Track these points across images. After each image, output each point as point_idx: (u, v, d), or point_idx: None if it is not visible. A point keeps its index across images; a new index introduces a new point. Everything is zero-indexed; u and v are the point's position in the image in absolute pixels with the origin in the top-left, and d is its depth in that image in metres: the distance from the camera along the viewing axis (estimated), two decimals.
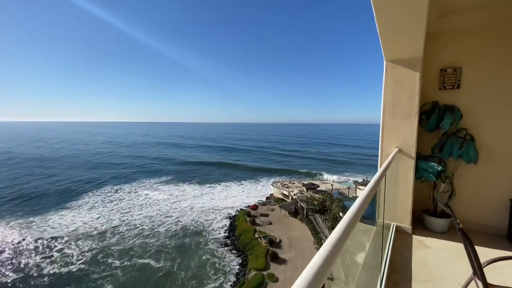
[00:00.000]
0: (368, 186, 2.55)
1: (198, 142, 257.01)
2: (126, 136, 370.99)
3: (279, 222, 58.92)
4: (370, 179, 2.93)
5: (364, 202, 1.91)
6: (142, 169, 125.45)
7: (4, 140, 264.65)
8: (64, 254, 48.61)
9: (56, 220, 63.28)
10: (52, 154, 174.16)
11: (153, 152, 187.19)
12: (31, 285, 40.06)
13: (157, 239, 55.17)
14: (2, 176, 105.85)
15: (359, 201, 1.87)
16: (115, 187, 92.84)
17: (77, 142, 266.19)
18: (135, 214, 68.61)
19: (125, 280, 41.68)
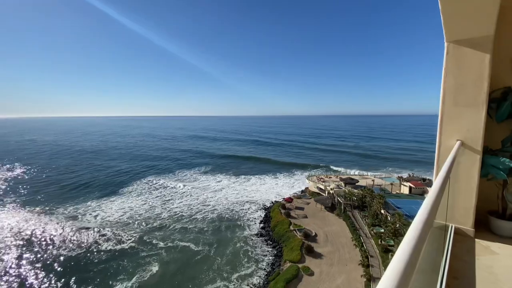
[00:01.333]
0: (435, 187, 2.38)
1: (232, 136, 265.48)
2: (164, 129, 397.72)
3: (314, 216, 58.52)
4: (417, 175, 2.93)
5: (434, 204, 1.82)
6: (182, 160, 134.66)
7: (59, 134, 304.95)
8: (116, 234, 55.27)
9: (108, 205, 71.98)
10: (102, 146, 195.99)
11: (190, 144, 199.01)
12: (93, 258, 46.89)
13: (195, 225, 59.38)
14: (61, 166, 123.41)
15: (428, 204, 1.76)
16: (159, 176, 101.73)
17: (122, 135, 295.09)
18: (175, 201, 74.40)
19: (169, 259, 46.31)
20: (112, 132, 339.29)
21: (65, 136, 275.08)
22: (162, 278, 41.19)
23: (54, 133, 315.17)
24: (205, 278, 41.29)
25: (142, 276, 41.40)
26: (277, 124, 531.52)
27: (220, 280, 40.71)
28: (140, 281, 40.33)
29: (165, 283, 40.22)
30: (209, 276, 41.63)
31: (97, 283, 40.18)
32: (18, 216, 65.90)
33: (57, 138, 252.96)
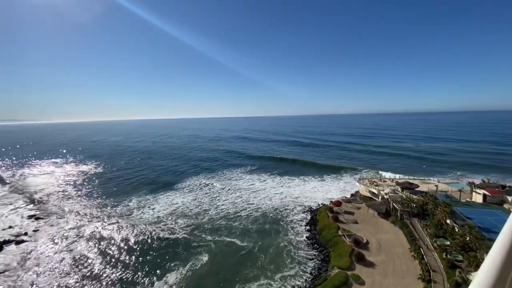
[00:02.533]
0: None
1: (274, 136, 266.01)
2: (208, 130, 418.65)
3: (366, 221, 54.84)
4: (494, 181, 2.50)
5: None
6: (228, 160, 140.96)
7: (119, 135, 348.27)
8: (170, 225, 61.16)
9: (162, 199, 79.81)
10: (154, 146, 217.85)
11: (234, 144, 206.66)
12: (152, 244, 52.92)
13: (240, 222, 61.71)
14: (123, 163, 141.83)
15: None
16: (207, 175, 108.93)
17: (172, 135, 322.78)
18: (221, 199, 78.36)
19: (217, 252, 49.35)
20: (163, 133, 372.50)
21: (126, 137, 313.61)
22: (211, 268, 44.24)
23: (116, 135, 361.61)
24: (250, 274, 42.53)
25: (194, 264, 45.39)
26: (319, 124, 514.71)
27: (264, 278, 41.37)
28: (192, 268, 44.24)
29: (214, 273, 42.93)
30: (253, 273, 42.77)
31: (157, 266, 45.38)
32: (92, 203, 78.73)
33: (119, 139, 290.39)
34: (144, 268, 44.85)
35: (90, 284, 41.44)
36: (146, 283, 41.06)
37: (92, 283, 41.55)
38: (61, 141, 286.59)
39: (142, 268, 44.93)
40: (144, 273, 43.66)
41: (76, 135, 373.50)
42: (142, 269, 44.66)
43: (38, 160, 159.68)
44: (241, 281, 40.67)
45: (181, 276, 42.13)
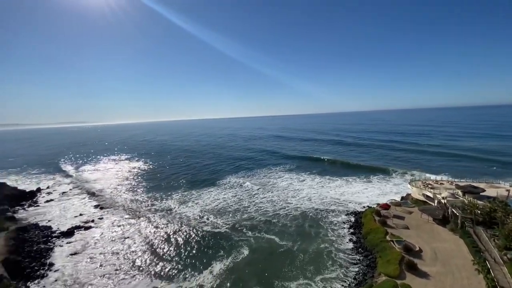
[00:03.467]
0: None
1: (312, 135, 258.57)
2: (246, 129, 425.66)
3: (419, 228, 50.36)
4: None
5: None
6: (266, 158, 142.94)
7: (166, 134, 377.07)
8: (212, 219, 65.05)
9: (205, 195, 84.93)
10: (196, 144, 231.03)
11: (272, 143, 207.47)
12: (197, 235, 56.92)
13: (279, 220, 62.29)
14: (169, 161, 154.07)
15: None
16: (247, 172, 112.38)
17: (212, 135, 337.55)
18: (260, 196, 79.96)
19: (256, 247, 50.94)
20: (203, 133, 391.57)
21: (172, 137, 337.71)
22: (251, 262, 45.98)
23: (163, 134, 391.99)
24: (288, 272, 42.70)
25: (236, 257, 47.75)
26: (358, 122, 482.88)
27: (303, 278, 41.16)
28: (234, 261, 46.65)
29: (254, 267, 44.49)
30: (292, 272, 42.81)
31: (203, 256, 48.99)
32: (144, 196, 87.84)
33: (166, 138, 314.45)
34: (191, 257, 48.73)
35: (142, 267, 46.39)
36: (194, 270, 44.51)
37: (143, 267, 46.45)
38: (116, 140, 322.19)
39: (189, 257, 48.87)
40: (191, 261, 47.38)
41: (129, 135, 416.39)
42: (189, 258, 48.56)
43: (97, 157, 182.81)
44: (280, 278, 41.07)
45: (225, 267, 44.77)
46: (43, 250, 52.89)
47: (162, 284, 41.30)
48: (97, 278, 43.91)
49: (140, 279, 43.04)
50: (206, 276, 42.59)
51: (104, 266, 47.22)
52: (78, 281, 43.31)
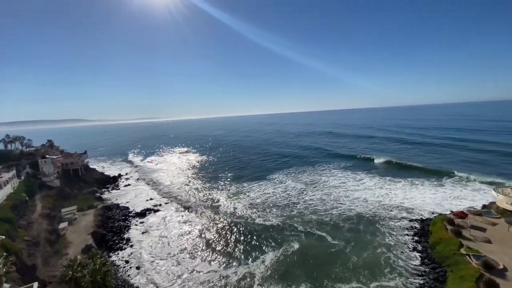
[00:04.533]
0: None
1: (367, 132, 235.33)
2: (294, 125, 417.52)
3: (504, 242, 42.61)
4: None
5: None
6: (317, 156, 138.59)
7: (220, 129, 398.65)
8: (263, 212, 67.33)
9: (256, 188, 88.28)
10: (247, 139, 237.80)
11: (323, 140, 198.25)
12: (250, 226, 59.85)
13: (331, 219, 60.77)
14: (223, 154, 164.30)
15: None
16: (297, 168, 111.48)
17: (259, 130, 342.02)
18: (309, 194, 78.86)
19: (307, 243, 51.10)
20: (255, 128, 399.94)
21: (226, 131, 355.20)
22: (301, 256, 46.58)
23: (218, 129, 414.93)
24: (340, 273, 41.67)
25: (287, 250, 48.99)
26: (425, 116, 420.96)
27: (356, 281, 39.68)
28: (285, 253, 47.99)
29: (304, 262, 44.91)
30: (343, 273, 41.62)
31: (255, 246, 51.59)
32: (201, 186, 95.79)
33: (220, 133, 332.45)
34: (244, 246, 51.73)
35: (201, 250, 51.44)
36: (247, 258, 47.33)
37: (202, 250, 51.44)
38: (181, 134, 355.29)
39: (242, 245, 51.97)
40: (245, 249, 50.38)
41: (189, 130, 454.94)
42: (242, 246, 51.64)
43: (162, 149, 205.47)
44: (330, 279, 40.42)
45: (275, 258, 46.45)
46: (122, 227, 62.77)
47: (219, 268, 45.08)
48: (164, 255, 50.43)
49: (200, 261, 47.82)
50: (258, 265, 44.84)
51: (170, 246, 53.89)
52: (148, 256, 50.32)
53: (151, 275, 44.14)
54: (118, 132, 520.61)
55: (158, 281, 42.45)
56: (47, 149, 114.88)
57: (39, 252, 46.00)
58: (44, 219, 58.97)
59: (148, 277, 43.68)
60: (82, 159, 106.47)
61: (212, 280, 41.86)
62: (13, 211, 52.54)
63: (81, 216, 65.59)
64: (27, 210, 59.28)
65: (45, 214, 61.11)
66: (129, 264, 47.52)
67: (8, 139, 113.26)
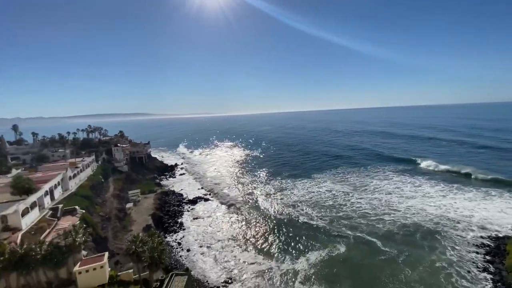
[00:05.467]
0: None
1: (429, 133, 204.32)
2: (343, 122, 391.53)
3: None
4: None
5: None
6: (369, 156, 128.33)
7: (266, 125, 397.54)
8: (307, 211, 65.72)
9: (299, 185, 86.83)
10: (294, 136, 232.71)
11: (376, 140, 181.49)
12: (295, 224, 59.61)
13: (384, 225, 56.13)
14: (268, 150, 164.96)
15: None
16: (346, 169, 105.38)
17: (305, 127, 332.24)
18: (355, 196, 74.08)
19: (354, 247, 48.56)
20: (303, 125, 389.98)
21: (272, 127, 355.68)
22: (347, 260, 44.58)
23: (263, 125, 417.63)
24: (389, 284, 38.61)
25: (332, 251, 47.45)
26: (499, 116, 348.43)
27: None
28: (330, 255, 46.59)
29: (349, 266, 42.99)
30: (394, 284, 38.38)
31: (299, 243, 50.92)
32: (246, 180, 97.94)
33: (265, 129, 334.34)
34: (289, 242, 51.68)
35: (247, 241, 53.19)
36: (291, 255, 47.31)
37: (248, 241, 53.16)
38: (226, 130, 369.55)
39: (286, 241, 52.09)
40: (289, 246, 50.38)
41: (237, 125, 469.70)
42: (286, 242, 51.77)
43: (214, 142, 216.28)
44: (378, 287, 37.80)
45: (320, 258, 45.51)
46: (177, 212, 68.73)
47: (263, 261, 46.10)
48: (211, 241, 53.81)
49: (244, 252, 49.61)
50: (302, 263, 44.49)
51: (217, 234, 57.22)
52: (198, 241, 54.21)
53: (199, 259, 47.53)
54: (175, 126, 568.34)
55: (205, 265, 45.45)
56: (119, 138, 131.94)
57: (110, 226, 53.54)
58: (115, 198, 68.31)
59: (197, 260, 47.13)
60: (146, 148, 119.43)
61: (256, 271, 43.04)
62: (91, 190, 62.08)
63: (144, 198, 73.87)
64: (102, 190, 69.34)
65: (115, 195, 70.71)
66: (180, 246, 51.95)
67: (90, 129, 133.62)
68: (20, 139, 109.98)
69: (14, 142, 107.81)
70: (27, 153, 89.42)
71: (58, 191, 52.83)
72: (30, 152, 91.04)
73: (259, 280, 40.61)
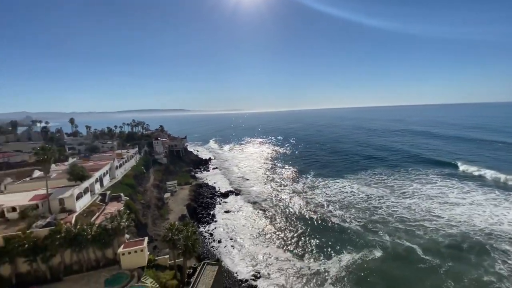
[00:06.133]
0: None
1: (489, 135, 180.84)
2: (379, 121, 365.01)
3: None
4: None
5: None
6: (410, 158, 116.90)
7: (296, 122, 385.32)
8: (339, 212, 63.30)
9: (333, 185, 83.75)
10: (326, 136, 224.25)
11: (421, 142, 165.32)
12: (327, 224, 57.91)
13: (425, 232, 51.65)
14: (303, 147, 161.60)
15: None
16: (385, 170, 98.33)
17: (335, 125, 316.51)
18: (392, 199, 69.05)
19: (392, 253, 45.44)
20: (342, 123, 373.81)
21: (301, 125, 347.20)
22: (382, 266, 41.98)
23: (296, 122, 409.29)
24: None
25: (366, 256, 44.88)
26: None
27: None
28: (364, 258, 44.20)
29: (385, 272, 40.49)
30: None
31: (331, 244, 49.39)
32: (278, 176, 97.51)
33: (296, 126, 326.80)
34: (320, 242, 50.39)
35: (277, 237, 53.08)
36: (322, 255, 46.13)
37: (278, 237, 53.03)
38: (256, 126, 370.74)
39: (317, 241, 50.85)
40: (320, 246, 49.15)
41: (267, 122, 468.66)
42: (318, 242, 50.55)
43: (245, 139, 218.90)
44: None
45: (353, 261, 43.55)
46: (209, 204, 71.07)
47: (293, 258, 45.61)
48: (242, 235, 54.76)
49: (274, 247, 49.56)
50: (334, 264, 43.07)
51: (247, 228, 58.17)
52: (229, 233, 55.49)
53: (229, 251, 48.59)
54: (209, 121, 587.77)
55: (235, 258, 46.29)
56: (159, 132, 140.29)
57: (149, 214, 57.25)
58: (154, 188, 72.89)
59: (227, 252, 48.24)
60: (183, 142, 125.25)
61: (286, 267, 42.76)
62: (134, 179, 66.87)
63: (180, 189, 77.66)
64: (143, 180, 74.30)
65: (155, 185, 75.42)
66: (212, 237, 53.63)
67: (134, 123, 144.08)
68: (75, 131, 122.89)
69: (70, 134, 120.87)
70: (81, 144, 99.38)
71: (107, 179, 57.76)
72: (84, 143, 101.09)
73: (288, 277, 40.23)
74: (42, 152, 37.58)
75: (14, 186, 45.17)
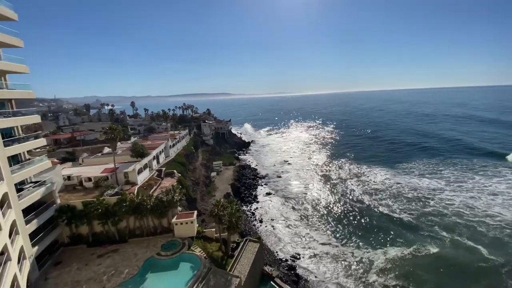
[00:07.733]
0: None
1: None
2: (436, 104, 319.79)
3: None
4: None
5: None
6: (468, 147, 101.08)
7: (346, 106, 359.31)
8: (387, 202, 58.82)
9: (378, 172, 78.13)
10: (375, 120, 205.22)
11: (486, 129, 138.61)
12: (372, 214, 54.80)
13: (488, 229, 45.39)
14: (350, 132, 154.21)
15: None
16: (433, 159, 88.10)
17: (378, 109, 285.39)
18: (447, 192, 61.33)
19: (449, 251, 40.98)
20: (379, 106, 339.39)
21: (351, 109, 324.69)
22: (436, 263, 38.25)
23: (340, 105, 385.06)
24: None
25: (419, 251, 41.20)
26: None
27: None
28: (415, 253, 40.70)
29: (438, 268, 37.02)
30: None
31: (376, 234, 46.73)
32: (322, 161, 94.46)
33: (339, 110, 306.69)
34: (364, 231, 48.25)
35: (320, 221, 52.33)
36: (367, 244, 43.98)
37: (321, 221, 52.27)
38: (301, 110, 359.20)
39: (362, 229, 48.81)
40: (365, 234, 47.01)
41: (312, 105, 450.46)
42: (362, 230, 48.53)
43: (287, 123, 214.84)
44: None
45: (401, 255, 40.29)
46: (251, 185, 72.88)
47: (336, 243, 44.67)
48: (284, 216, 55.26)
49: (317, 231, 49.00)
50: (379, 255, 40.69)
51: (289, 210, 58.28)
52: (270, 214, 56.49)
53: (270, 231, 49.59)
54: (254, 105, 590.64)
55: (275, 238, 47.12)
56: (206, 115, 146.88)
57: (198, 190, 61.37)
58: (203, 167, 77.47)
59: (269, 230, 49.39)
60: (227, 125, 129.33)
61: (329, 251, 42.21)
62: (185, 158, 71.79)
63: (225, 169, 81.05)
64: (193, 159, 79.35)
65: (203, 164, 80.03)
66: (254, 216, 55.24)
67: (184, 107, 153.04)
68: (136, 114, 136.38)
69: (132, 115, 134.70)
70: (141, 125, 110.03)
71: (162, 157, 63.10)
72: (143, 124, 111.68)
73: (328, 261, 39.61)
74: (111, 131, 42.28)
75: (89, 160, 52.39)
